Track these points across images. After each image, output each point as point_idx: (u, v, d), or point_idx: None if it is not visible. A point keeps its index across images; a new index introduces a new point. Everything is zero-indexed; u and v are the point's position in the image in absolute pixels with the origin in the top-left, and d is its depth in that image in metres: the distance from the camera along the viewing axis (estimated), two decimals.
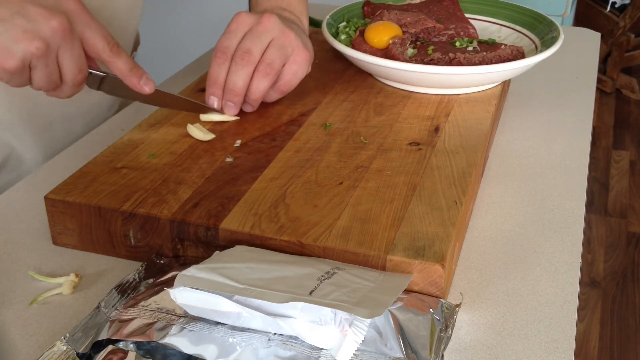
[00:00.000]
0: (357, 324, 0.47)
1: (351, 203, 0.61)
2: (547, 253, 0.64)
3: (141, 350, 0.48)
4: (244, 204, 0.61)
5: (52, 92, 0.67)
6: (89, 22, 0.64)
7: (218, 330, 0.48)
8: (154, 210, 0.60)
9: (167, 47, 2.68)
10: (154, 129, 0.74)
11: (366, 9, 0.99)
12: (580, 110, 0.92)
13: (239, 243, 0.58)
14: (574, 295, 0.59)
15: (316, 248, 0.56)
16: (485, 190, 0.74)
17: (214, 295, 0.48)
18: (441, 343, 0.49)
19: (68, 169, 0.71)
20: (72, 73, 0.64)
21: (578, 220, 0.69)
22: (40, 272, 0.61)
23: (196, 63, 1.06)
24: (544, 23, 0.92)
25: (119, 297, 0.54)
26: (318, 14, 1.19)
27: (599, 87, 3.21)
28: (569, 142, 0.83)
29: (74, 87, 0.67)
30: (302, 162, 0.68)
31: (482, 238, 0.66)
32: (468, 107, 0.80)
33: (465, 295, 0.58)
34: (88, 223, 0.62)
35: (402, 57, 0.83)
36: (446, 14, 0.97)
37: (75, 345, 0.49)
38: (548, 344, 0.54)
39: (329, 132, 0.74)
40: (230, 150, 0.70)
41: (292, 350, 0.47)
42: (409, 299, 0.51)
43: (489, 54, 0.83)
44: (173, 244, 0.60)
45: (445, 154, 0.69)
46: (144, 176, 0.65)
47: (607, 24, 3.13)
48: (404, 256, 0.54)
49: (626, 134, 2.97)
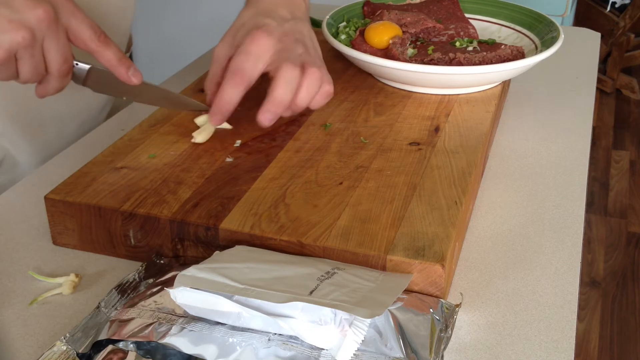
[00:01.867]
0: (357, 324, 0.47)
1: (351, 203, 0.61)
2: (547, 253, 0.64)
3: (141, 350, 0.48)
4: (244, 204, 0.61)
5: (39, 86, 0.66)
6: (74, 11, 0.64)
7: (218, 330, 0.48)
8: (154, 210, 0.60)
9: (165, 48, 2.68)
10: (154, 129, 0.74)
11: (366, 9, 0.99)
12: (580, 110, 0.92)
13: (239, 243, 0.58)
14: (574, 295, 0.59)
15: (316, 248, 0.56)
16: (485, 190, 0.74)
17: (214, 295, 0.48)
18: (441, 343, 0.49)
19: (68, 169, 0.71)
20: (58, 63, 0.64)
21: (578, 220, 0.69)
22: (40, 272, 0.61)
23: (195, 64, 1.05)
24: (544, 23, 0.92)
25: (119, 297, 0.54)
26: (318, 14, 1.19)
27: (599, 87, 3.21)
28: (569, 142, 0.83)
29: (60, 79, 0.66)
30: (302, 162, 0.68)
31: (482, 238, 0.66)
32: (468, 107, 0.80)
33: (465, 295, 0.58)
34: (88, 223, 0.62)
35: (402, 57, 0.83)
36: (446, 14, 0.97)
37: (75, 345, 0.49)
38: (548, 344, 0.54)
39: (329, 132, 0.74)
40: (230, 150, 0.70)
41: (292, 350, 0.47)
42: (409, 299, 0.51)
43: (489, 54, 0.83)
44: (173, 244, 0.60)
45: (445, 154, 0.69)
46: (144, 176, 0.65)
47: (607, 24, 3.13)
48: (404, 256, 0.54)
49: (626, 134, 2.97)
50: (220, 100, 0.70)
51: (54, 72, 0.65)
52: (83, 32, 0.64)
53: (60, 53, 0.64)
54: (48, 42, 0.62)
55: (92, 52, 0.66)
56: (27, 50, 0.61)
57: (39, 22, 0.60)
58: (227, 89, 0.69)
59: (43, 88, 0.66)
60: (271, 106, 0.69)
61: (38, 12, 0.60)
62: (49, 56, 0.63)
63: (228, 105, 0.70)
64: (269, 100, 0.69)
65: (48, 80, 0.66)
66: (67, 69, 0.65)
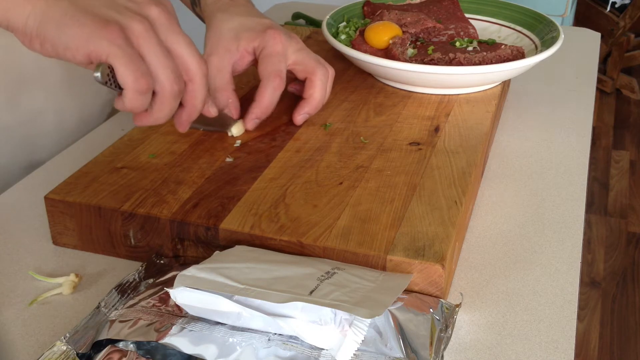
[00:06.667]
0: (357, 324, 0.47)
1: (351, 203, 0.61)
2: (547, 253, 0.64)
3: (141, 350, 0.48)
4: (244, 204, 0.61)
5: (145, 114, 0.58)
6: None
7: (218, 330, 0.48)
8: (154, 210, 0.60)
9: None
10: (154, 129, 0.74)
11: (366, 9, 0.99)
12: (580, 110, 0.92)
13: (239, 243, 0.58)
14: (574, 295, 0.59)
15: (316, 248, 0.56)
16: (485, 190, 0.74)
17: (214, 295, 0.48)
18: (441, 343, 0.49)
19: (68, 169, 0.71)
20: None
21: (578, 220, 0.69)
22: (40, 272, 0.61)
23: None
24: (544, 23, 0.92)
25: (119, 297, 0.54)
26: (318, 14, 1.19)
27: (599, 87, 3.21)
28: (569, 142, 0.83)
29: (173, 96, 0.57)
30: (302, 162, 0.68)
31: (482, 238, 0.66)
32: (468, 107, 0.80)
33: (465, 295, 0.58)
34: (88, 223, 0.62)
35: (402, 57, 0.83)
36: (446, 14, 0.97)
37: (75, 345, 0.49)
38: (548, 344, 0.54)
39: (329, 132, 0.74)
40: (230, 150, 0.70)
41: (292, 350, 0.47)
42: (409, 299, 0.51)
43: (489, 54, 0.83)
44: (173, 244, 0.60)
45: (445, 154, 0.69)
46: (144, 176, 0.65)
47: (607, 24, 3.13)
48: (404, 256, 0.54)
49: (626, 134, 2.97)
50: (262, 104, 0.72)
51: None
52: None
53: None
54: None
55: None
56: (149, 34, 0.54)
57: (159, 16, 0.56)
58: (269, 92, 0.72)
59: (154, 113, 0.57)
60: (310, 109, 0.75)
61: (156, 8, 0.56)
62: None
63: (270, 107, 0.73)
64: (308, 103, 0.75)
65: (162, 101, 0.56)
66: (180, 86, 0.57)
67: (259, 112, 0.72)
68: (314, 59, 0.75)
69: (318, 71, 0.74)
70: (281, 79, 0.72)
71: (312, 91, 0.74)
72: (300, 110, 0.75)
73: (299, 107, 0.75)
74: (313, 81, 0.74)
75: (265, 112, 0.73)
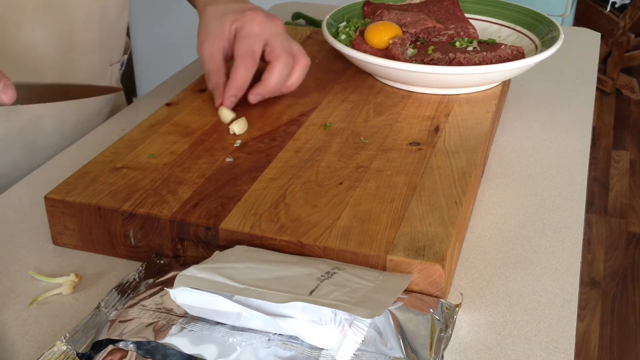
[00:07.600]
0: (357, 324, 0.47)
1: (351, 203, 0.61)
2: (547, 253, 0.64)
3: (141, 350, 0.48)
4: (244, 204, 0.61)
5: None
6: None
7: (218, 330, 0.48)
8: (154, 210, 0.60)
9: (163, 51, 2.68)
10: (154, 129, 0.74)
11: (366, 9, 0.99)
12: (580, 110, 0.92)
13: (239, 243, 0.58)
14: (574, 295, 0.59)
15: (316, 248, 0.56)
16: (485, 190, 0.74)
17: (214, 295, 0.48)
18: (441, 343, 0.49)
19: (68, 169, 0.71)
20: None
21: (578, 220, 0.69)
22: (40, 272, 0.61)
23: (192, 65, 1.05)
24: (544, 23, 0.92)
25: (119, 297, 0.54)
26: (318, 14, 1.19)
27: (599, 87, 3.21)
28: (569, 142, 0.83)
29: None
30: (302, 162, 0.68)
31: (482, 238, 0.66)
32: (468, 107, 0.80)
33: (465, 295, 0.58)
34: (88, 223, 0.62)
35: (402, 57, 0.83)
36: (446, 14, 0.97)
37: (75, 345, 0.49)
38: (548, 344, 0.54)
39: (329, 132, 0.74)
40: (230, 150, 0.70)
41: (292, 350, 0.47)
42: (409, 299, 0.51)
43: (489, 54, 0.83)
44: (173, 244, 0.60)
45: (445, 154, 0.69)
46: (144, 176, 0.65)
47: (607, 24, 3.13)
48: (404, 256, 0.54)
49: (626, 134, 2.97)
50: (236, 83, 0.76)
51: None
52: None
53: None
54: None
55: None
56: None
57: None
58: (241, 71, 0.76)
59: None
60: (263, 91, 0.77)
61: None
62: None
63: (244, 86, 0.76)
64: (262, 85, 0.77)
65: None
66: None
67: (234, 90, 0.76)
68: (285, 46, 0.77)
69: (282, 57, 0.76)
70: (254, 59, 0.76)
71: (268, 75, 0.77)
72: (253, 91, 0.78)
73: (254, 87, 0.78)
74: (273, 65, 0.77)
75: (239, 90, 0.76)
